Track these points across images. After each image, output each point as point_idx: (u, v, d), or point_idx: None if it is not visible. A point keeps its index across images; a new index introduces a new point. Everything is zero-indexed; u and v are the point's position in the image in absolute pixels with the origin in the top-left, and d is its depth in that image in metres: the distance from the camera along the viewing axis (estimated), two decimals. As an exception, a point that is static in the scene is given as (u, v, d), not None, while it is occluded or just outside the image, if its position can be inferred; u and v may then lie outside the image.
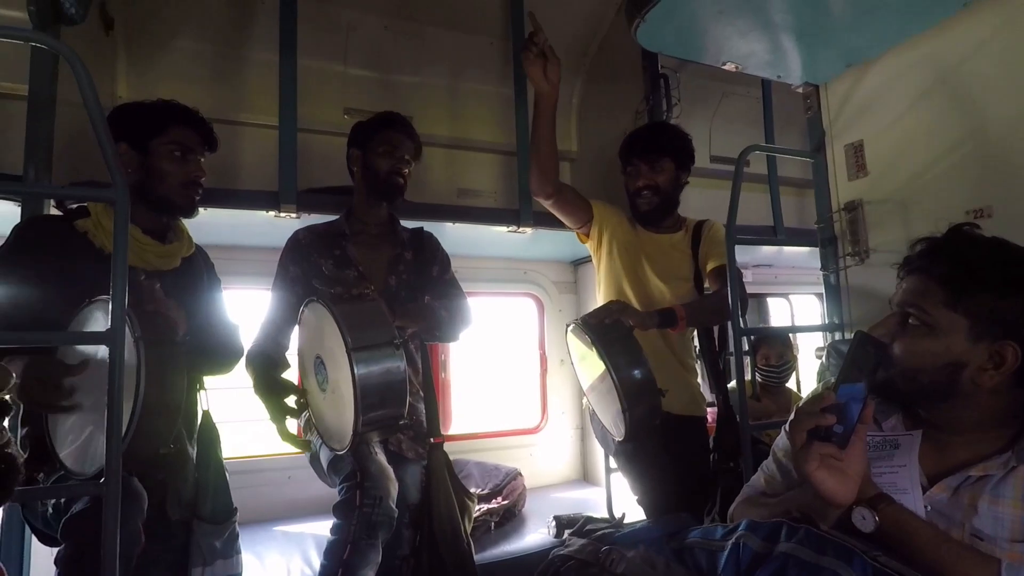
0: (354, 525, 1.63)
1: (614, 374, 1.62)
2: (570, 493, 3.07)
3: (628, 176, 2.17)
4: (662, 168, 2.11)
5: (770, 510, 1.19)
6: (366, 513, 1.64)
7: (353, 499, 1.65)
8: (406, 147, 2.08)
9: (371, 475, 1.68)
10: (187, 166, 1.68)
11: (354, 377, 1.41)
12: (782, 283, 3.88)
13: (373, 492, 1.66)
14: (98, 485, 1.09)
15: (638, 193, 2.13)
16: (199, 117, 1.74)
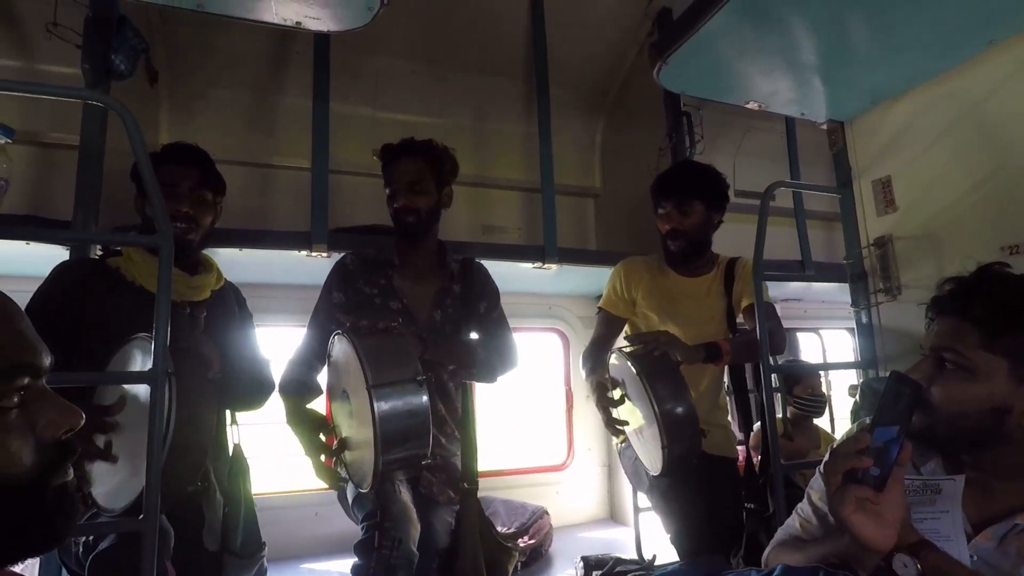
0: (372, 567, 1.58)
1: (656, 407, 1.60)
2: (597, 532, 3.01)
3: (658, 218, 2.12)
4: (691, 211, 2.05)
5: (806, 555, 1.16)
6: (384, 555, 1.58)
7: (372, 539, 1.60)
8: (408, 173, 1.94)
9: (392, 516, 1.63)
10: (168, 202, 1.63)
11: (374, 414, 1.37)
12: (812, 317, 3.81)
13: (393, 534, 1.60)
14: (136, 522, 1.11)
15: (668, 236, 2.09)
16: (189, 154, 1.74)
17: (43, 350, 0.58)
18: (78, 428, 0.58)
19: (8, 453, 0.53)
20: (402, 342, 1.55)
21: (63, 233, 1.83)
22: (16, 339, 0.57)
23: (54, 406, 0.57)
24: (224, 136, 2.67)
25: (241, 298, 1.91)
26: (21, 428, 0.54)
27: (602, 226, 3.39)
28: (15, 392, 0.54)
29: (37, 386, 0.57)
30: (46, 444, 0.55)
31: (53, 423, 0.56)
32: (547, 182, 2.67)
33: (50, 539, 0.56)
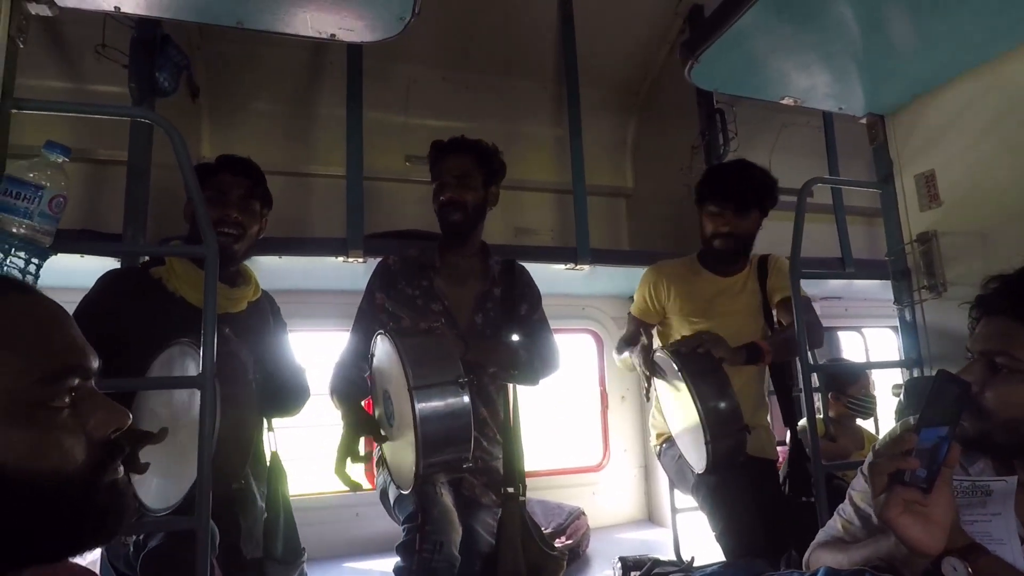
0: (414, 569, 1.58)
1: (699, 403, 1.60)
2: (635, 534, 2.99)
3: (708, 216, 2.06)
4: (749, 218, 2.03)
5: (849, 556, 1.14)
6: (425, 559, 1.57)
7: (414, 541, 1.60)
8: (456, 168, 1.93)
9: (432, 519, 1.62)
10: (215, 209, 1.68)
11: (415, 416, 1.36)
12: (854, 316, 3.72)
13: (433, 537, 1.59)
14: (189, 520, 1.16)
15: (718, 236, 2.04)
16: (242, 164, 1.79)
17: (91, 353, 0.61)
18: (125, 428, 0.61)
19: (62, 450, 0.56)
20: (444, 343, 1.54)
21: (114, 246, 1.92)
22: (67, 343, 0.60)
23: (103, 406, 0.60)
24: (263, 147, 2.74)
25: (276, 307, 1.95)
26: (73, 427, 0.57)
27: (634, 226, 3.37)
28: (66, 393, 0.57)
29: (86, 387, 0.60)
30: (96, 443, 0.58)
31: (103, 423, 0.59)
32: (578, 183, 2.67)
33: (103, 533, 0.59)
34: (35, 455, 0.54)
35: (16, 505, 0.53)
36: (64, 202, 1.03)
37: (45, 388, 0.56)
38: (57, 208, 1.02)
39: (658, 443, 2.19)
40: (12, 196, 0.98)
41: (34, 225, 0.99)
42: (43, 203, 0.99)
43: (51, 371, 0.56)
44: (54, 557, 0.58)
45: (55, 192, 1.01)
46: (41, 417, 0.55)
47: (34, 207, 0.99)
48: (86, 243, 1.90)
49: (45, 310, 0.60)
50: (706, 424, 1.59)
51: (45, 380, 0.56)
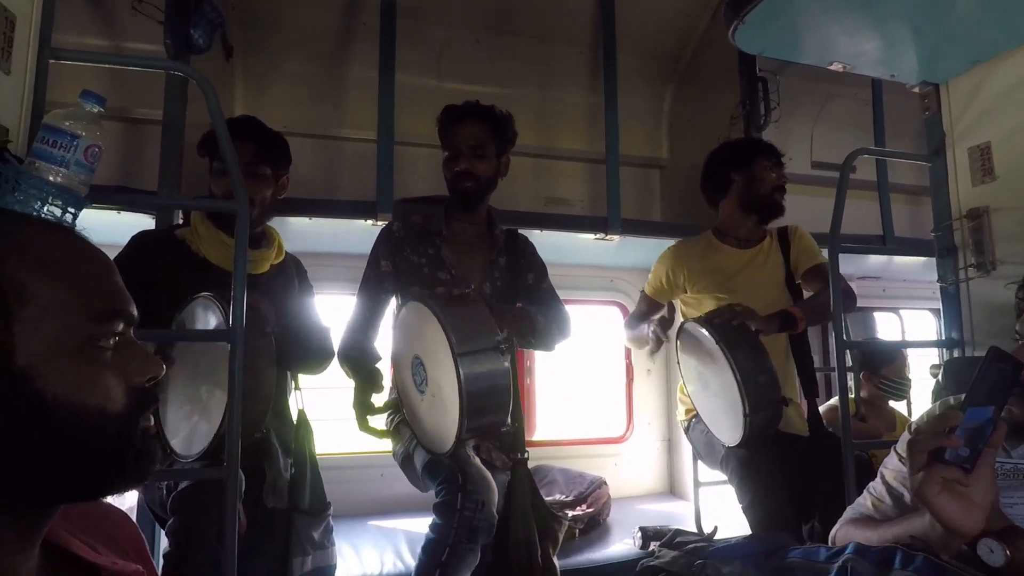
0: (455, 528, 1.60)
1: (738, 376, 1.58)
2: (656, 505, 2.99)
3: (764, 171, 2.12)
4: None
5: (878, 534, 1.12)
6: (467, 517, 1.60)
7: (454, 501, 1.61)
8: (470, 138, 1.90)
9: (472, 479, 1.64)
10: (222, 178, 1.70)
11: (460, 381, 1.37)
12: (891, 297, 3.60)
13: (475, 496, 1.62)
14: (219, 470, 1.19)
15: (779, 189, 2.11)
16: (245, 128, 1.74)
17: (132, 301, 0.63)
18: (159, 378, 0.63)
19: (107, 389, 0.57)
20: (481, 308, 1.54)
21: (149, 198, 1.94)
22: (116, 287, 0.62)
23: (141, 354, 0.62)
24: (294, 108, 2.75)
25: (302, 270, 1.96)
26: (115, 369, 0.59)
27: (668, 198, 3.30)
28: (112, 336, 0.59)
29: (128, 335, 0.62)
30: (134, 388, 0.60)
31: (140, 369, 0.61)
32: (612, 152, 2.62)
33: (137, 476, 0.61)
34: (82, 390, 0.55)
35: (60, 438, 0.54)
36: (99, 152, 1.03)
37: (96, 327, 0.57)
38: (92, 158, 1.02)
39: (687, 418, 2.18)
40: (49, 144, 0.99)
41: (70, 174, 1.00)
42: (79, 152, 1.00)
43: (103, 311, 0.58)
44: (88, 495, 0.60)
45: (90, 142, 1.01)
46: (90, 354, 0.57)
47: (70, 156, 0.99)
48: (121, 195, 1.93)
49: (97, 254, 0.62)
50: (745, 396, 1.57)
51: (97, 319, 0.57)
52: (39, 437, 0.53)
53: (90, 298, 0.58)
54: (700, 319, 1.77)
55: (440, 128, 1.98)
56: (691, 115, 3.17)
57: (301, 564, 1.66)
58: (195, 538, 1.35)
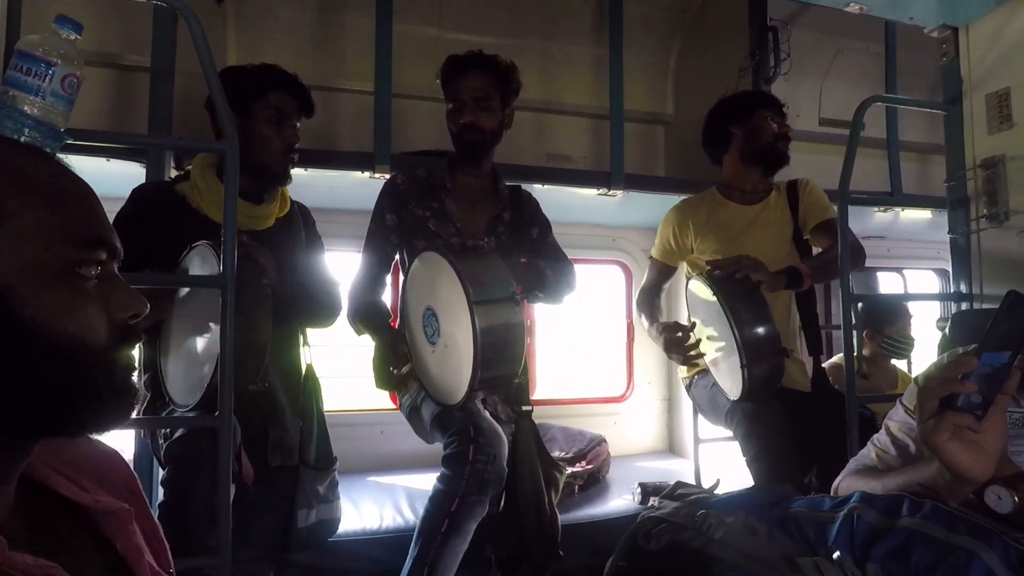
0: (465, 479, 1.61)
1: (736, 329, 1.56)
2: (655, 463, 3.01)
3: (765, 121, 2.08)
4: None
5: (883, 483, 1.10)
6: (478, 469, 1.61)
7: (466, 453, 1.62)
8: (475, 89, 1.86)
9: (484, 432, 1.65)
10: (284, 131, 1.70)
11: (475, 331, 1.37)
12: (896, 256, 3.56)
13: (488, 449, 1.63)
14: (212, 419, 1.17)
15: (782, 137, 2.07)
16: (297, 82, 1.74)
17: (116, 236, 0.61)
18: (143, 315, 0.60)
19: (87, 318, 0.55)
20: (496, 260, 1.53)
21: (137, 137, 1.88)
22: (100, 216, 0.59)
23: (125, 289, 0.60)
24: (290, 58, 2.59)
25: (310, 220, 1.92)
26: (97, 300, 0.57)
27: (672, 155, 3.22)
28: (95, 264, 0.57)
29: (111, 268, 0.60)
30: (116, 323, 0.58)
31: (123, 304, 0.59)
32: (616, 107, 2.55)
33: (116, 415, 0.58)
34: (61, 316, 0.53)
35: (34, 363, 0.52)
36: (78, 83, 0.98)
37: (78, 252, 0.55)
38: (70, 88, 0.97)
39: (688, 375, 2.16)
40: (22, 72, 0.94)
41: (46, 105, 0.94)
42: (55, 81, 0.95)
43: (85, 237, 0.56)
44: (65, 429, 0.57)
45: (67, 71, 0.96)
46: (71, 281, 0.55)
47: (46, 85, 0.94)
48: (109, 133, 1.87)
49: (80, 181, 0.60)
50: (742, 348, 1.55)
51: (80, 245, 0.55)
52: (12, 361, 0.51)
53: (72, 223, 0.55)
54: (704, 272, 1.73)
55: (443, 79, 1.92)
56: (698, 69, 3.08)
57: (306, 516, 1.67)
58: (189, 487, 1.34)
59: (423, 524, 1.66)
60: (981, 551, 0.80)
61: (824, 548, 0.96)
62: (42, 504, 0.59)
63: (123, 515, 0.62)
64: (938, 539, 0.85)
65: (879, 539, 0.90)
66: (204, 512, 1.30)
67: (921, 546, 0.85)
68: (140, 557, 0.63)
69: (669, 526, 1.12)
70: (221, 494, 1.22)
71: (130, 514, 0.63)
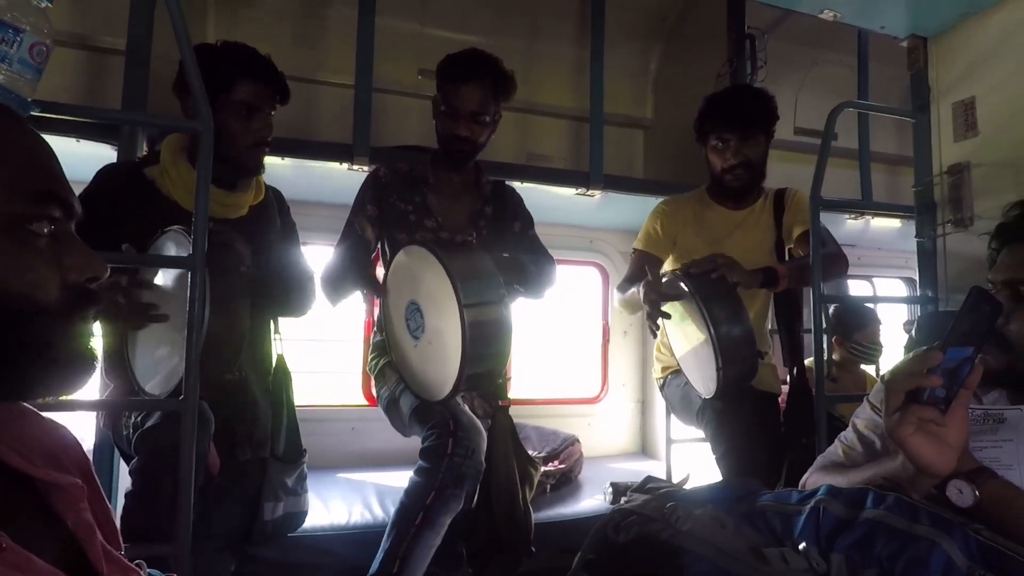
0: (443, 472, 1.60)
1: (712, 329, 1.56)
2: (627, 464, 3.02)
3: (714, 151, 1.98)
4: (756, 142, 1.94)
5: (848, 478, 1.12)
6: (456, 463, 1.60)
7: (444, 446, 1.61)
8: (473, 102, 1.82)
9: (464, 426, 1.64)
10: (253, 124, 1.60)
11: (465, 332, 1.36)
12: (865, 265, 3.64)
13: (466, 443, 1.62)
14: (178, 402, 1.14)
15: (729, 171, 1.96)
16: (269, 68, 1.63)
17: (74, 195, 0.58)
18: (102, 278, 0.58)
19: (36, 276, 0.53)
20: (484, 258, 1.52)
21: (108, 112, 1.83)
22: (54, 172, 0.57)
23: (81, 250, 0.57)
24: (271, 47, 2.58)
25: (284, 205, 1.88)
26: (49, 258, 0.54)
27: (651, 159, 3.26)
28: (47, 221, 0.54)
29: (67, 228, 0.57)
30: (71, 286, 0.56)
31: (78, 265, 0.56)
32: (596, 109, 2.57)
33: (65, 381, 0.56)
34: (6, 272, 0.51)
35: None
36: (47, 52, 0.95)
37: (27, 206, 0.53)
38: (39, 56, 0.94)
39: (663, 375, 2.17)
40: (-10, 38, 0.91)
41: (12, 72, 0.92)
42: (23, 48, 0.92)
43: (35, 191, 0.54)
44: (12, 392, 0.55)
45: (36, 39, 0.93)
46: (18, 236, 0.52)
47: (13, 51, 0.91)
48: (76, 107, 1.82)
49: (35, 137, 0.57)
50: (718, 349, 1.55)
51: (28, 198, 0.53)
52: None
53: (21, 175, 0.53)
54: (679, 271, 1.74)
55: (440, 80, 1.88)
56: (678, 75, 3.12)
57: (272, 509, 1.63)
58: (159, 477, 1.31)
59: (397, 516, 1.64)
60: (942, 540, 0.82)
61: (790, 540, 0.97)
62: None
63: (74, 491, 0.60)
64: (900, 529, 0.86)
65: (844, 530, 0.91)
66: (170, 501, 1.26)
67: (884, 536, 0.87)
68: (92, 534, 0.61)
69: (638, 518, 1.12)
70: (183, 481, 1.19)
71: (82, 491, 0.61)
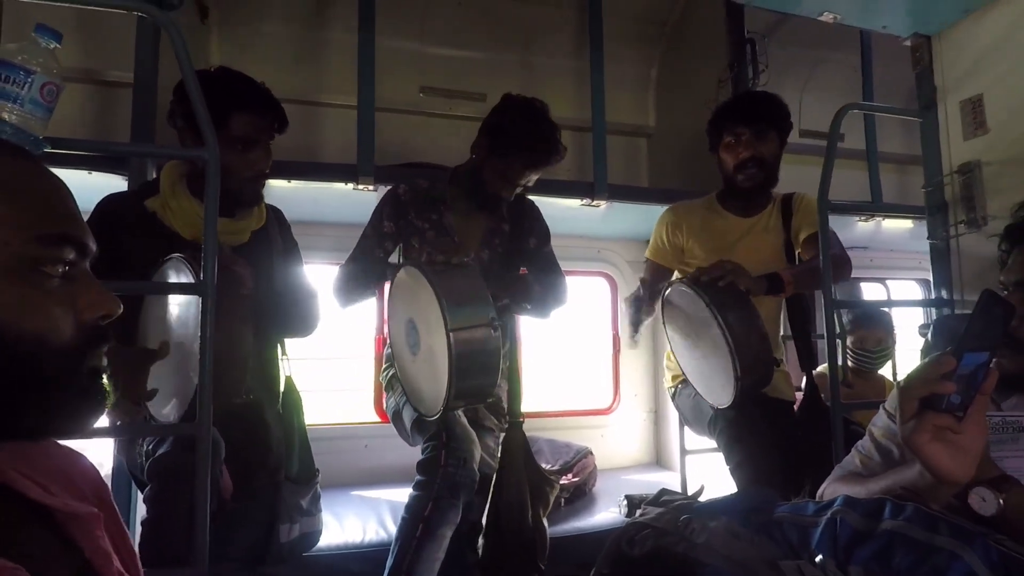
0: (437, 484, 1.64)
1: (729, 337, 1.55)
2: (642, 476, 3.00)
3: (726, 149, 1.98)
4: (768, 138, 1.95)
5: (866, 488, 1.10)
6: (450, 473, 1.64)
7: (438, 458, 1.66)
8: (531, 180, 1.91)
9: (456, 436, 1.69)
10: (251, 156, 1.58)
11: (451, 356, 1.39)
12: (878, 267, 3.60)
13: (458, 454, 1.66)
14: (190, 427, 1.15)
15: (742, 167, 1.95)
16: (266, 98, 1.61)
17: (91, 236, 0.59)
18: (114, 316, 0.59)
19: (49, 318, 0.53)
20: (477, 281, 1.53)
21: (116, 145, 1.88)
22: (69, 213, 0.57)
23: (95, 289, 0.58)
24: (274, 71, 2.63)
25: (286, 225, 1.86)
26: (62, 299, 0.55)
27: (655, 167, 3.26)
28: (61, 262, 0.55)
29: (82, 267, 0.58)
30: (84, 325, 0.56)
31: (93, 304, 0.57)
32: (598, 118, 2.57)
33: (78, 419, 0.57)
34: (20, 315, 0.51)
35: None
36: (57, 91, 0.97)
37: (40, 249, 0.53)
38: (49, 96, 0.96)
39: (673, 384, 2.15)
40: (2, 79, 0.93)
41: (25, 113, 0.94)
42: (34, 89, 0.94)
43: (49, 233, 0.54)
44: (26, 431, 0.56)
45: (46, 79, 0.95)
46: (32, 278, 0.53)
47: (25, 93, 0.93)
48: (85, 141, 1.84)
49: (50, 179, 0.58)
50: (737, 358, 1.54)
51: (42, 241, 0.53)
52: None
53: (35, 218, 0.53)
54: (687, 279, 1.72)
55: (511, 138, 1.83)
56: (679, 81, 3.12)
57: (288, 531, 1.63)
58: (172, 503, 1.31)
59: (399, 531, 1.69)
60: (963, 552, 0.79)
61: (807, 552, 0.95)
62: (8, 507, 0.57)
63: (91, 519, 0.61)
64: (920, 540, 0.84)
65: (861, 542, 0.89)
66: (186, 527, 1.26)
67: (903, 548, 0.84)
68: (108, 562, 0.61)
69: (653, 531, 1.11)
70: (199, 505, 1.19)
71: (98, 518, 0.61)
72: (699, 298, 1.64)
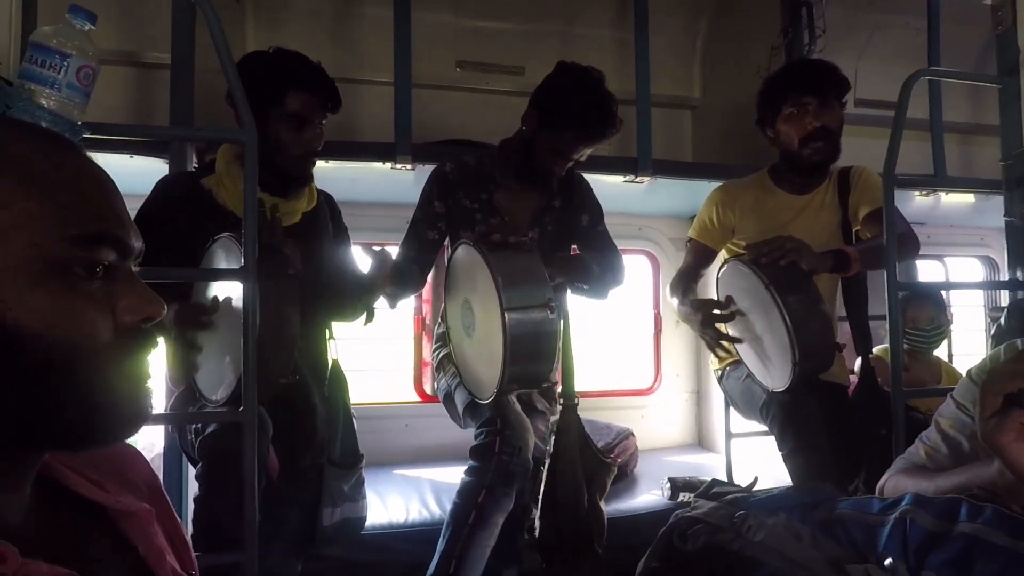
0: (491, 471, 1.62)
1: (789, 320, 1.49)
2: (684, 457, 2.95)
3: (789, 120, 1.86)
4: (834, 107, 1.84)
5: (936, 485, 1.04)
6: (504, 461, 1.62)
7: (492, 445, 1.64)
8: (583, 154, 1.83)
9: (511, 424, 1.65)
10: (303, 135, 1.59)
11: (506, 338, 1.37)
12: (936, 244, 3.40)
13: (513, 442, 1.63)
14: (236, 413, 1.16)
15: (810, 139, 1.83)
16: (320, 77, 1.62)
17: (133, 231, 0.55)
18: (158, 319, 0.55)
19: (85, 322, 0.49)
20: (535, 262, 1.50)
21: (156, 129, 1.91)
22: (112, 211, 0.53)
23: (138, 291, 0.54)
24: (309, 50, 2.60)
25: (337, 210, 1.88)
26: (100, 302, 0.51)
27: (699, 141, 3.13)
28: (101, 263, 0.51)
29: (125, 267, 0.54)
30: (125, 328, 0.52)
31: (133, 308, 0.53)
32: (643, 91, 2.47)
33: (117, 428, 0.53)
34: (53, 321, 0.48)
35: (20, 371, 0.47)
36: (93, 74, 0.96)
37: (78, 250, 0.49)
38: (86, 79, 0.95)
39: (720, 366, 2.09)
40: (37, 64, 0.92)
41: (62, 97, 0.93)
42: (70, 73, 0.92)
43: (88, 233, 0.50)
44: (65, 442, 0.52)
45: (82, 62, 0.94)
46: (68, 280, 0.49)
47: (61, 77, 0.92)
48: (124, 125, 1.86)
49: (94, 171, 0.53)
50: (796, 343, 1.48)
51: (80, 241, 0.49)
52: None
53: (73, 217, 0.49)
54: (745, 258, 1.65)
55: (564, 109, 1.75)
56: (727, 50, 2.97)
57: (330, 515, 1.64)
58: (222, 481, 1.34)
59: (451, 516, 1.67)
60: (1054, 561, 0.74)
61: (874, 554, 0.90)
62: (61, 506, 0.56)
63: (144, 516, 0.59)
64: (1003, 546, 0.79)
65: (936, 546, 0.84)
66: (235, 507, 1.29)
67: (984, 554, 0.79)
68: (162, 559, 0.60)
69: (706, 527, 1.07)
70: (247, 490, 1.21)
71: (151, 515, 0.60)
72: (757, 278, 1.57)
